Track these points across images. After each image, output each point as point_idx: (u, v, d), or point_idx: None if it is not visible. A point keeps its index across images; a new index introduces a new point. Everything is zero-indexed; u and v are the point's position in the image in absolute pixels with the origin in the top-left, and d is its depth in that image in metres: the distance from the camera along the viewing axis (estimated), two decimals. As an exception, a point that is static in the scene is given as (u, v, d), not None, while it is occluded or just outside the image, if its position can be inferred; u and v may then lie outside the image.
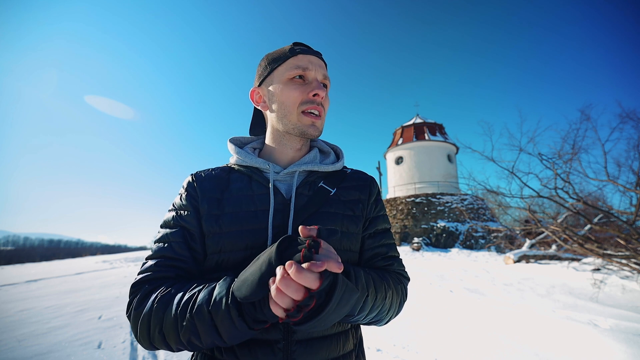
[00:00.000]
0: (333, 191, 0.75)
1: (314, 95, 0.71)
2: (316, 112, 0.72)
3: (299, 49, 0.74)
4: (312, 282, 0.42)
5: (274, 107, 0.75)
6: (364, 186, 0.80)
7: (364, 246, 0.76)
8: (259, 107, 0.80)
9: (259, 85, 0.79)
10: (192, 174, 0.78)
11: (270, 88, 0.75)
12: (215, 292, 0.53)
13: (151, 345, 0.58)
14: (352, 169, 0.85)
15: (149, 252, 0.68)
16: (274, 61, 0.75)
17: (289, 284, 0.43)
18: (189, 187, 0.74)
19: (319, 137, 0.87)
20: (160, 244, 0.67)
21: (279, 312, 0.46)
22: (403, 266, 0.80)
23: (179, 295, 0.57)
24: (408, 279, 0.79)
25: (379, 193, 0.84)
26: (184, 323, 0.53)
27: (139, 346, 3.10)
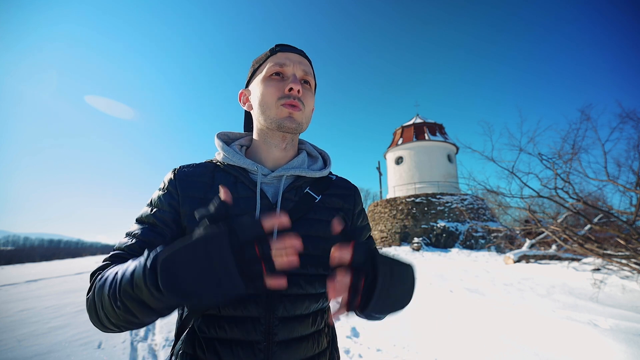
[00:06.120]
0: (318, 198, 0.75)
1: (290, 89, 0.70)
2: (293, 105, 0.71)
3: (279, 48, 0.74)
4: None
5: (256, 104, 0.75)
6: (349, 195, 0.82)
7: None
8: (245, 108, 0.82)
9: (246, 87, 0.82)
10: (174, 170, 0.74)
11: (253, 87, 0.77)
12: (136, 266, 0.47)
13: (105, 327, 0.55)
14: (337, 176, 0.86)
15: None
16: (257, 62, 0.77)
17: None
18: (170, 185, 0.71)
19: (308, 142, 0.88)
20: (127, 238, 0.64)
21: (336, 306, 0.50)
22: None
23: (113, 272, 0.52)
24: None
25: (362, 202, 0.86)
26: (117, 303, 0.49)
27: (139, 346, 3.10)
